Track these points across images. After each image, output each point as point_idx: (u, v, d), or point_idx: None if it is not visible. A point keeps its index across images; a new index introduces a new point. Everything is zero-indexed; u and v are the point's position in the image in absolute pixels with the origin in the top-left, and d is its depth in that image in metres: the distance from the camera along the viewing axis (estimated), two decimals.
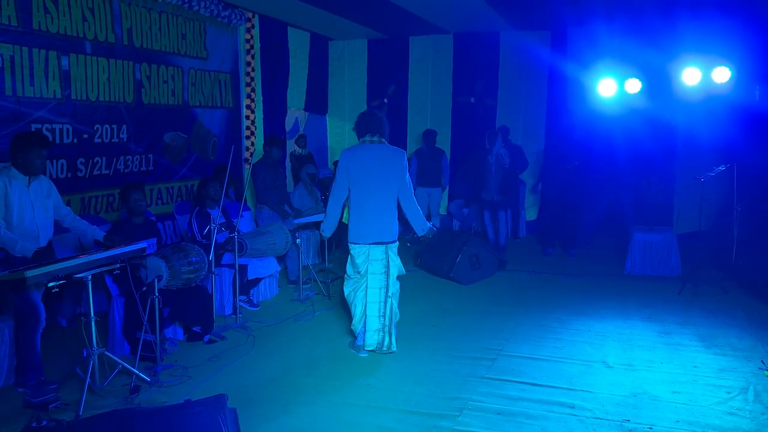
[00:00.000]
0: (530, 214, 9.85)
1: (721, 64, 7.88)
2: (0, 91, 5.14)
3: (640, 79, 8.35)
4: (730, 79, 7.90)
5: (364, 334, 4.86)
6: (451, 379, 4.42)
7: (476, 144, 8.91)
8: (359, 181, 4.75)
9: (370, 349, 4.86)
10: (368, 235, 4.76)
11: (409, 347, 5.06)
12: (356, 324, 4.93)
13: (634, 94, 8.42)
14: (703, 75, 8.00)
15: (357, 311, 4.89)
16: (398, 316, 5.12)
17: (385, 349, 4.84)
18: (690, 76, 8.05)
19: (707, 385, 4.26)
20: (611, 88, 8.47)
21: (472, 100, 10.03)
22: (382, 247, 4.79)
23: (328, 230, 5.03)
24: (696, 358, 4.75)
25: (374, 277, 4.82)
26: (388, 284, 4.84)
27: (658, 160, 8.74)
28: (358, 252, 4.81)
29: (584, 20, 8.56)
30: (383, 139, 4.87)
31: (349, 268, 4.92)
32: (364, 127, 4.89)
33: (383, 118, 4.93)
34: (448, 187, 9.69)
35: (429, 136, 9.27)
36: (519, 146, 9.06)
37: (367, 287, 4.83)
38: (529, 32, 9.53)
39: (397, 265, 4.92)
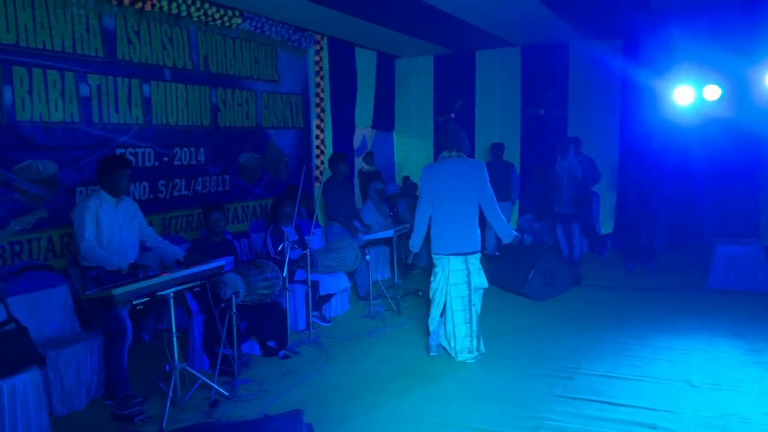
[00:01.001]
0: (606, 227, 9.58)
1: None
2: (88, 119, 5.47)
3: (720, 86, 7.99)
4: None
5: (455, 342, 5.07)
6: (525, 398, 4.33)
7: (547, 156, 8.78)
8: (438, 195, 4.99)
9: (461, 358, 5.06)
10: (448, 246, 4.98)
11: (481, 365, 5.01)
12: (431, 322, 5.19)
13: (714, 101, 8.08)
14: None
15: (432, 311, 5.16)
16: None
17: (475, 353, 5.06)
18: None
19: None
20: (688, 95, 8.15)
21: (542, 111, 9.89)
22: (461, 258, 4.98)
23: (415, 245, 5.25)
24: None
25: (456, 287, 5.01)
26: (470, 293, 5.01)
27: (741, 170, 8.33)
28: (439, 262, 5.06)
29: (658, 26, 8.30)
30: (461, 154, 5.04)
31: (432, 274, 5.18)
32: (440, 143, 5.16)
33: (459, 133, 5.10)
34: (518, 201, 9.55)
35: (496, 149, 9.19)
36: (591, 158, 8.85)
37: (451, 297, 5.03)
38: (600, 41, 9.33)
39: (477, 278, 5.04)
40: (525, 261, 7.09)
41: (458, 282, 5.00)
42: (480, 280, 5.06)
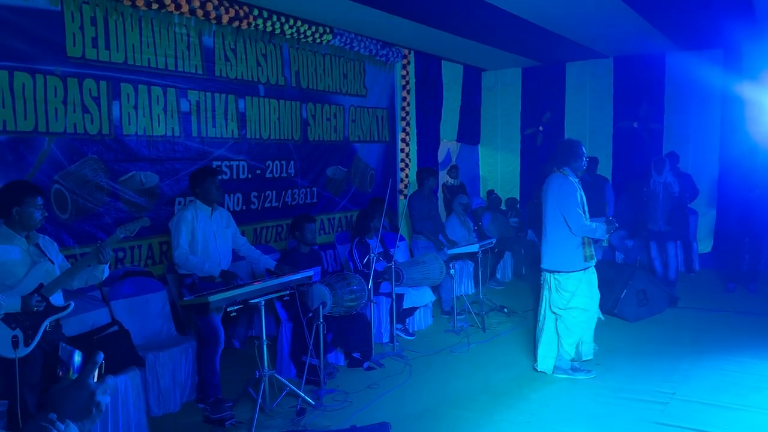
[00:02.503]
0: (704, 246, 9.08)
1: None
2: (187, 133, 5.74)
3: None
4: None
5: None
6: (618, 423, 4.16)
7: (640, 171, 8.45)
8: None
9: (539, 367, 5.20)
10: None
11: (570, 386, 4.85)
12: None
13: None
14: None
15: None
16: (568, 353, 5.06)
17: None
18: None
19: None
20: None
21: (635, 125, 9.53)
22: (543, 273, 5.06)
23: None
24: None
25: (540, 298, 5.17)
26: (542, 307, 5.11)
27: None
28: None
29: (762, 34, 7.83)
30: (558, 169, 5.03)
31: None
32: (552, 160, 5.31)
33: (559, 149, 5.12)
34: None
35: (590, 164, 8.89)
36: (688, 174, 8.43)
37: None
38: (698, 52, 8.91)
39: (551, 296, 4.99)
40: (617, 280, 6.81)
41: (541, 293, 5.15)
42: (555, 300, 4.96)
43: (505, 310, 7.02)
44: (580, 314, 4.95)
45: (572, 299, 4.91)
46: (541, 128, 10.32)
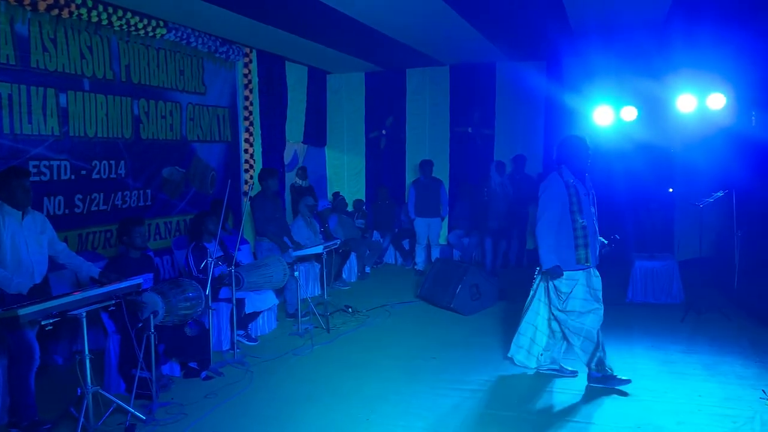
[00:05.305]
0: (530, 242, 9.80)
1: (715, 91, 7.88)
2: None
3: (636, 107, 8.36)
4: (726, 105, 7.89)
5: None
6: (452, 413, 4.36)
7: (475, 174, 8.94)
8: None
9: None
10: None
11: (410, 380, 5.00)
12: None
13: (631, 121, 8.43)
14: (699, 101, 8.00)
15: None
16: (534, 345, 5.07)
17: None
18: (685, 102, 8.05)
19: (712, 415, 4.18)
20: (607, 116, 8.47)
21: (470, 130, 10.10)
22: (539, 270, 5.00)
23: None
24: (700, 387, 4.67)
25: None
26: (529, 298, 5.09)
27: (656, 188, 8.72)
28: None
29: (579, 49, 8.61)
30: (557, 167, 4.92)
31: None
32: None
33: (562, 147, 4.95)
34: (447, 217, 9.67)
35: (426, 166, 9.29)
36: (532, 176, 9.04)
37: None
38: (525, 62, 9.63)
39: (551, 297, 4.90)
40: (453, 276, 7.16)
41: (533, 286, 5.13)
42: (554, 302, 4.84)
43: (350, 309, 7.10)
44: (578, 317, 4.74)
45: (569, 302, 4.75)
46: (384, 132, 10.60)
